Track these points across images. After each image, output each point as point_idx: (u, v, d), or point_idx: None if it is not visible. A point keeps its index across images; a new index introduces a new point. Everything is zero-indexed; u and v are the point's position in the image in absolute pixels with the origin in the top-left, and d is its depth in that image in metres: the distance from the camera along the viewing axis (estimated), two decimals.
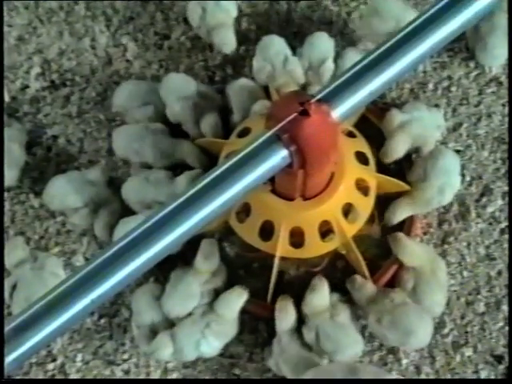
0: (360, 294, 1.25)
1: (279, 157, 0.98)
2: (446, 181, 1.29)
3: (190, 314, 1.25)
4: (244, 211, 1.24)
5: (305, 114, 0.96)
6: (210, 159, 1.35)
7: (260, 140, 0.98)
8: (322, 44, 1.40)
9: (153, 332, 1.27)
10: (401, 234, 1.27)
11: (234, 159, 0.97)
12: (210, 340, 1.23)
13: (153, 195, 1.31)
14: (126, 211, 1.34)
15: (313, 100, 0.97)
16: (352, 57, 1.37)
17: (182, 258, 1.30)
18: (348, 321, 1.24)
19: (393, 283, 1.29)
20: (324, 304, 1.24)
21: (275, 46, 1.40)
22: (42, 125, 1.47)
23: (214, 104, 1.39)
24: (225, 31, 1.44)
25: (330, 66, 1.37)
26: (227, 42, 1.44)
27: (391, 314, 1.22)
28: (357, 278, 1.26)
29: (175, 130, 1.39)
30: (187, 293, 1.25)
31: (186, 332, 1.24)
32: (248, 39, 1.51)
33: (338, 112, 1.00)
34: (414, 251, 1.27)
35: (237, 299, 1.25)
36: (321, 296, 1.25)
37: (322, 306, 1.24)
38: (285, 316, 1.24)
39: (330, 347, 1.22)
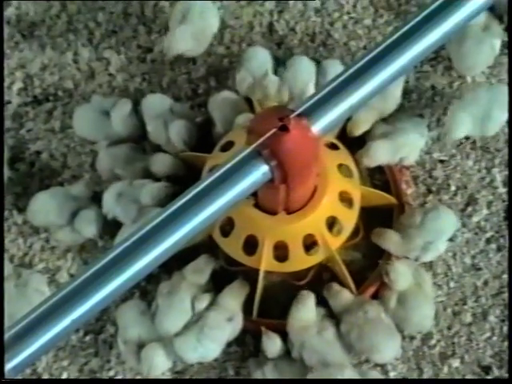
0: (336, 301, 1.25)
1: (260, 172, 0.97)
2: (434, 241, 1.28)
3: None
4: (228, 225, 1.23)
5: (284, 129, 0.95)
6: (193, 173, 1.34)
7: (240, 156, 0.97)
8: (304, 69, 1.37)
9: (140, 347, 1.26)
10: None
11: (215, 176, 0.96)
12: (206, 344, 1.22)
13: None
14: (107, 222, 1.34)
15: (292, 115, 0.97)
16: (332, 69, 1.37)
17: (167, 271, 1.30)
18: (335, 335, 1.24)
19: (378, 296, 1.28)
20: (310, 318, 1.24)
21: (259, 58, 1.40)
22: (24, 140, 1.46)
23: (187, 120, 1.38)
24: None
25: (311, 91, 1.36)
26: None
27: (360, 329, 1.22)
28: (333, 285, 1.27)
29: None
30: (181, 309, 1.24)
31: (182, 340, 1.23)
32: (231, 51, 1.50)
33: (318, 126, 0.99)
34: (403, 274, 1.26)
35: (239, 290, 1.26)
36: (307, 310, 1.24)
37: (308, 320, 1.24)
38: (272, 345, 1.24)
39: (315, 361, 1.21)
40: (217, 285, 1.28)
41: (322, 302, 1.27)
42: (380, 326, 1.23)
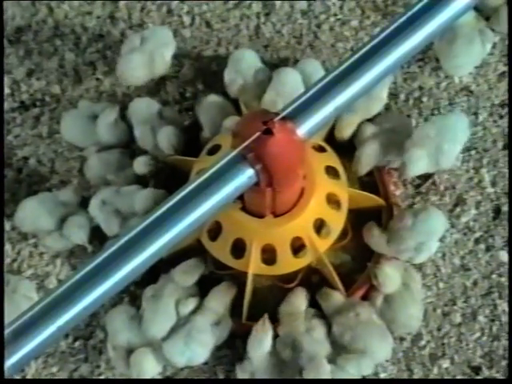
0: (328, 304, 1.25)
1: (245, 176, 0.97)
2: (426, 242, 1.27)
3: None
4: (215, 229, 1.23)
5: (268, 132, 0.95)
6: (181, 177, 1.34)
7: (225, 160, 0.97)
8: (291, 80, 1.36)
9: (129, 353, 1.25)
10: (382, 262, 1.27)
11: (199, 180, 0.96)
12: (193, 348, 1.22)
13: (125, 208, 1.30)
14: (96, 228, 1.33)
15: (277, 118, 0.96)
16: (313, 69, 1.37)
17: (156, 275, 1.29)
18: (323, 336, 1.24)
19: (368, 297, 1.28)
20: (300, 306, 1.24)
21: (247, 59, 1.40)
22: (12, 146, 1.46)
23: (175, 125, 1.37)
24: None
25: None
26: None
27: (353, 331, 1.21)
28: (326, 290, 1.27)
29: None
30: (166, 313, 1.24)
31: (170, 344, 1.22)
32: (218, 54, 1.50)
33: (303, 129, 0.98)
34: (392, 276, 1.26)
35: (226, 293, 1.25)
36: (298, 298, 1.25)
37: (297, 307, 1.24)
38: (260, 343, 1.23)
39: (305, 361, 1.21)
40: (203, 290, 1.28)
41: (311, 303, 1.27)
42: (372, 327, 1.23)
